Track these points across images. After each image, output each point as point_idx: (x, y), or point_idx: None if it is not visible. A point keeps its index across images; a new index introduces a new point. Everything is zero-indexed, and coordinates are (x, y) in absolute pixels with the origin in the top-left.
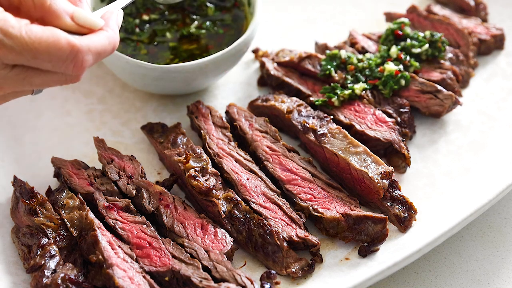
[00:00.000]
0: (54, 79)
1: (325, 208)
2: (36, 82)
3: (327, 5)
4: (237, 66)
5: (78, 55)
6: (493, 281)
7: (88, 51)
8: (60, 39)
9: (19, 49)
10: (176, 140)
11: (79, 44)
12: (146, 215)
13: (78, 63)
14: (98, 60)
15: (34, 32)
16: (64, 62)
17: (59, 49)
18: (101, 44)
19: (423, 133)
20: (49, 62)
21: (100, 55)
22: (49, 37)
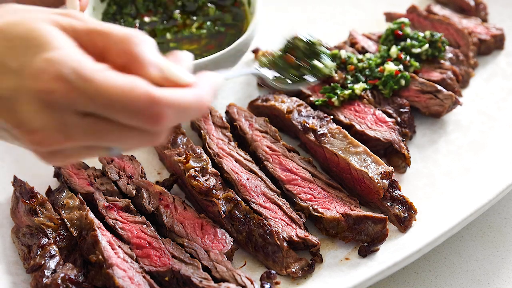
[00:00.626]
0: (130, 136)
1: (325, 208)
2: (109, 137)
3: (327, 5)
4: (237, 66)
5: (155, 107)
6: (493, 281)
7: (168, 105)
8: (138, 87)
9: (91, 93)
10: (176, 140)
11: (158, 95)
12: (146, 215)
13: (155, 117)
14: (182, 119)
15: (110, 77)
16: (139, 114)
17: (134, 97)
18: (185, 100)
19: (423, 133)
20: (122, 112)
21: (183, 113)
22: (126, 84)
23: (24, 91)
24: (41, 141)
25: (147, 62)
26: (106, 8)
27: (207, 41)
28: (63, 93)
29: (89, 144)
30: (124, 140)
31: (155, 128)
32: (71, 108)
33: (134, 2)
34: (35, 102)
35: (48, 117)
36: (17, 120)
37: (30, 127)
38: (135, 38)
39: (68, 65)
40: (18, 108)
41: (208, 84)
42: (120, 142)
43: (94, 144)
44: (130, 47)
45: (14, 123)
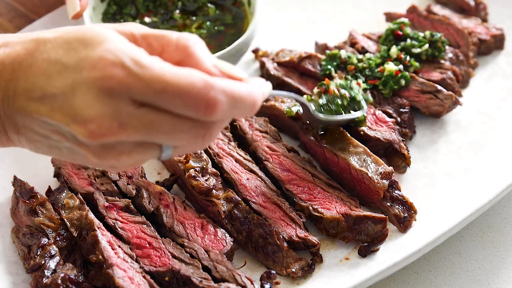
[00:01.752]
0: (184, 128)
1: (325, 208)
2: (163, 128)
3: (327, 5)
4: (237, 66)
5: (211, 92)
6: (493, 281)
7: (222, 91)
8: (194, 73)
9: (148, 79)
10: None
11: (213, 81)
12: (146, 215)
13: (211, 102)
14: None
15: (166, 66)
16: (195, 100)
17: (190, 82)
18: (239, 90)
19: (423, 133)
20: (178, 97)
21: (237, 103)
22: (182, 71)
23: (81, 83)
24: (95, 131)
25: (201, 58)
26: (106, 8)
27: (207, 41)
28: (120, 79)
29: (142, 139)
30: (177, 133)
31: (209, 117)
32: (127, 95)
33: (134, 2)
34: (92, 90)
35: (104, 104)
36: (72, 113)
37: (85, 116)
38: (190, 39)
39: (126, 53)
40: (73, 102)
41: (259, 85)
42: (173, 136)
43: (147, 139)
44: (185, 45)
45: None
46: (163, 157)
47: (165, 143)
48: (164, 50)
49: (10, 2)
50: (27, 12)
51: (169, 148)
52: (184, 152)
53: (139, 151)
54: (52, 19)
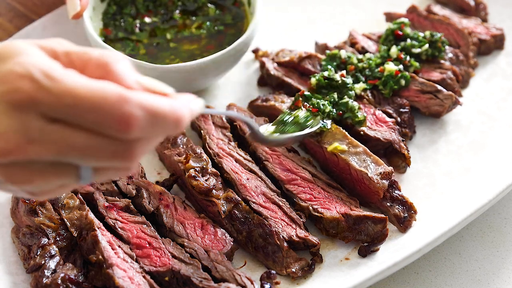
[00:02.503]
0: (100, 146)
1: (325, 208)
2: (76, 145)
3: (327, 5)
4: (237, 66)
5: (125, 106)
6: (493, 281)
7: (139, 105)
8: (108, 86)
9: (58, 92)
10: (176, 140)
11: (129, 94)
12: (146, 215)
13: (125, 117)
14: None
15: (79, 79)
16: (108, 115)
17: (104, 95)
18: (159, 105)
19: (423, 133)
20: (91, 112)
21: (156, 118)
22: (96, 85)
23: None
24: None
25: (122, 74)
26: (106, 8)
27: (207, 41)
28: (28, 92)
29: (55, 158)
30: (91, 152)
31: (124, 134)
32: (37, 110)
33: (134, 2)
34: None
35: (12, 119)
36: None
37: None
38: (111, 56)
39: (36, 66)
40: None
41: (187, 102)
42: (88, 155)
43: (60, 159)
44: (105, 62)
45: None
46: (82, 182)
47: (80, 163)
48: (86, 67)
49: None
50: (27, 12)
51: (87, 170)
52: (105, 176)
53: (54, 172)
54: (52, 19)
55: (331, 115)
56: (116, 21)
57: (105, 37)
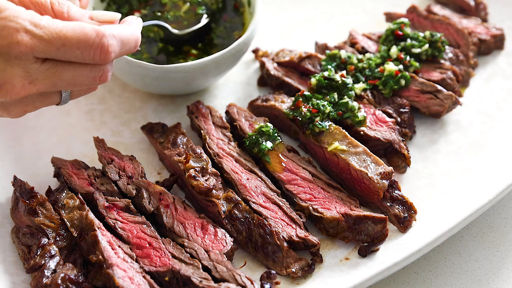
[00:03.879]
0: (84, 73)
1: (325, 208)
2: (66, 76)
3: (327, 5)
4: (237, 66)
5: (103, 39)
6: (493, 281)
7: (112, 36)
8: (86, 26)
9: (49, 37)
10: (176, 140)
11: (103, 29)
12: (146, 215)
13: (105, 48)
14: (123, 51)
15: (60, 23)
16: (91, 48)
17: (85, 33)
18: (125, 32)
19: (423, 133)
20: (77, 48)
21: (124, 44)
22: (76, 25)
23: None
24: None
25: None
26: (105, 8)
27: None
28: (26, 42)
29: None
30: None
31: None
32: (32, 55)
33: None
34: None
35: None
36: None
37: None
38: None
39: (23, 18)
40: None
41: (136, 24)
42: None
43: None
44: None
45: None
46: (62, 103)
47: (68, 89)
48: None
49: None
50: None
51: (67, 93)
52: (81, 94)
53: (42, 100)
54: None
55: (331, 115)
56: None
57: None
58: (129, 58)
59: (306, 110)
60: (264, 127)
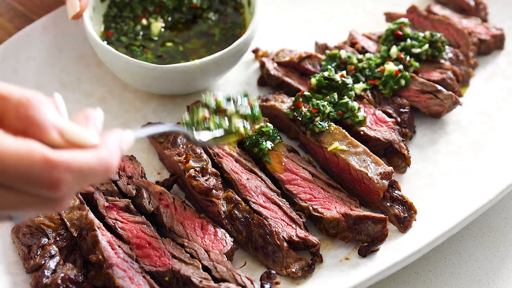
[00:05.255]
0: (30, 202)
1: (325, 208)
2: (7, 203)
3: (327, 5)
4: (237, 66)
5: (53, 172)
6: (493, 281)
7: (67, 169)
8: (34, 151)
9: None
10: (176, 140)
11: (55, 159)
12: (146, 215)
13: (53, 183)
14: (85, 182)
15: (4, 142)
16: (36, 181)
17: (30, 162)
18: (86, 162)
19: (423, 133)
20: (19, 179)
21: (85, 176)
22: (21, 149)
23: None
24: None
25: (46, 125)
26: (107, 10)
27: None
28: None
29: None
30: (24, 207)
31: (55, 195)
32: None
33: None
34: None
35: None
36: None
37: None
38: (33, 101)
39: None
40: None
41: (114, 144)
42: (21, 210)
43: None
44: (27, 111)
45: None
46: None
47: (13, 214)
48: (6, 115)
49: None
50: (27, 12)
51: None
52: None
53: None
54: (52, 19)
55: (331, 115)
56: (117, 24)
57: (106, 40)
58: (129, 58)
59: (306, 110)
60: (264, 127)
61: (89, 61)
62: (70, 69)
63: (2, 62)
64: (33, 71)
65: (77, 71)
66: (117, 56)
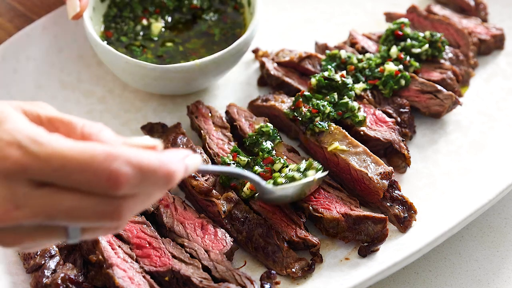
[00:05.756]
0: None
1: (325, 208)
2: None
3: (327, 5)
4: (237, 66)
5: (113, 163)
6: (493, 281)
7: (127, 161)
8: (95, 146)
9: (46, 156)
10: (176, 140)
11: (117, 151)
12: (146, 215)
13: (113, 174)
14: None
15: (66, 142)
16: (96, 173)
17: (91, 155)
18: (148, 159)
19: (423, 133)
20: (79, 172)
21: (146, 174)
22: (86, 146)
23: None
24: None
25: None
26: (107, 10)
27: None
28: (16, 159)
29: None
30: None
31: (114, 191)
32: (25, 176)
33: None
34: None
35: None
36: None
37: None
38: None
39: (23, 132)
40: None
41: (179, 155)
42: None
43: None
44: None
45: None
46: (70, 240)
47: (68, 224)
48: (70, 136)
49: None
50: (27, 12)
51: (76, 231)
52: (94, 235)
53: (42, 233)
54: (52, 19)
55: (331, 115)
56: (117, 24)
57: (106, 40)
58: (129, 58)
59: (306, 110)
60: (264, 127)
61: (89, 61)
62: (70, 69)
63: (2, 62)
64: (33, 71)
65: (77, 71)
66: (117, 56)
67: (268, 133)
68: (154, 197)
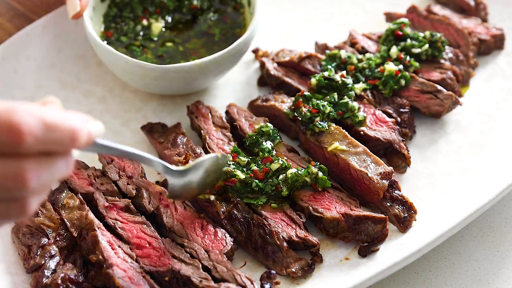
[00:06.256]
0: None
1: (325, 208)
2: None
3: (327, 5)
4: (237, 66)
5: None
6: (493, 281)
7: (29, 113)
8: None
9: None
10: (176, 140)
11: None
12: (146, 215)
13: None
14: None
15: None
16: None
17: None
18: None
19: (423, 133)
20: None
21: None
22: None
23: None
24: None
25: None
26: (107, 10)
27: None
28: None
29: None
30: None
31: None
32: None
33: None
34: None
35: None
36: None
37: None
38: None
39: None
40: None
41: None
42: None
43: None
44: None
45: None
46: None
47: None
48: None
49: (10, 2)
50: (27, 12)
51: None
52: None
53: None
54: (52, 19)
55: (331, 115)
56: (117, 24)
57: (106, 40)
58: (129, 58)
59: (306, 110)
60: (264, 127)
61: (89, 61)
62: (70, 69)
63: (2, 62)
64: (33, 71)
65: (77, 71)
66: (117, 56)
67: (268, 133)
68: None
